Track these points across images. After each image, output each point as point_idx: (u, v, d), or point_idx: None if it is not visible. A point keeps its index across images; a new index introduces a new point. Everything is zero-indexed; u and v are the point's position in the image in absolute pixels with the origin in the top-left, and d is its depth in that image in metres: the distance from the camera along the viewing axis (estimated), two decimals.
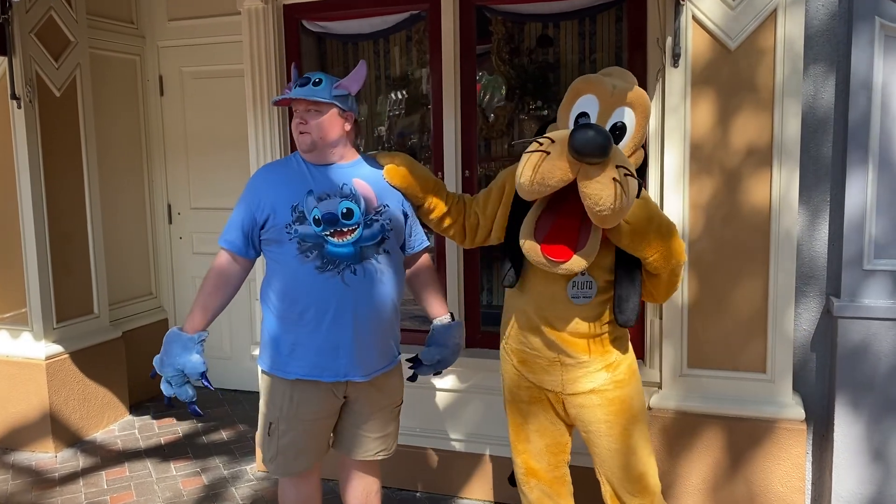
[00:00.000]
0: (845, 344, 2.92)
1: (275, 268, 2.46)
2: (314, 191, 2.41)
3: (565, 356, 2.39)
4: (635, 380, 2.45)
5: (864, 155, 2.85)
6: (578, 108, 2.26)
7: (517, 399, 2.55)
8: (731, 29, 2.85)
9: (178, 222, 5.10)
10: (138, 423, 4.55)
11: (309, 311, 2.40)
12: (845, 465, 2.97)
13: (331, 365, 2.43)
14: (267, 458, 2.56)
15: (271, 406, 2.51)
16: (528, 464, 2.59)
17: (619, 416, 2.40)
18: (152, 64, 4.96)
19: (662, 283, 2.37)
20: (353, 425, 2.58)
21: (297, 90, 2.44)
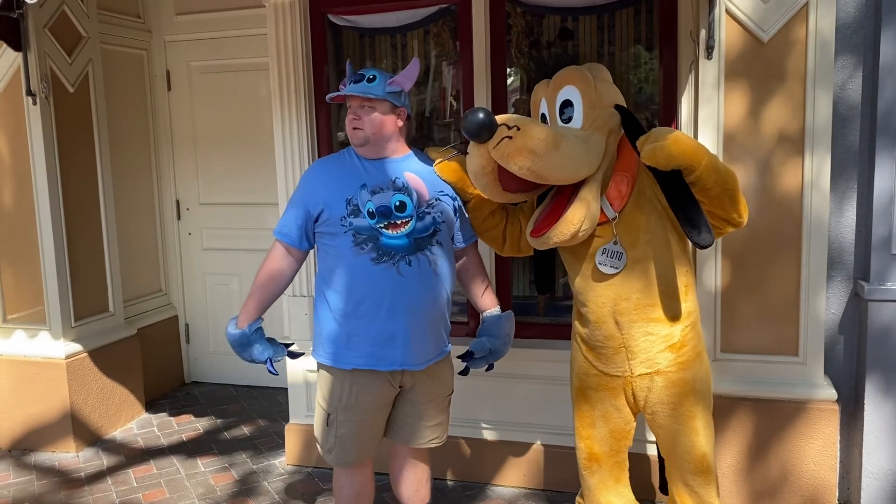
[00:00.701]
0: (875, 326, 3.02)
1: (330, 261, 2.50)
2: (367, 184, 2.45)
3: (630, 339, 2.44)
4: (699, 361, 2.49)
5: (892, 142, 2.95)
6: (539, 112, 2.54)
7: (585, 386, 2.61)
8: (764, 21, 2.93)
9: (187, 218, 5.07)
10: (156, 421, 4.53)
11: (365, 301, 2.44)
12: (875, 442, 3.08)
13: (387, 354, 2.48)
14: (325, 449, 2.62)
15: (330, 398, 2.56)
16: (591, 449, 2.65)
17: (683, 398, 2.46)
18: (159, 59, 4.92)
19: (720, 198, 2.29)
20: (407, 414, 2.63)
21: (352, 87, 2.48)
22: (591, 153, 2.35)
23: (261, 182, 4.78)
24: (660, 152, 2.15)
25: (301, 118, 3.62)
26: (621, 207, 2.39)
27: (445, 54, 4.19)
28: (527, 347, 3.53)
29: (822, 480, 3.07)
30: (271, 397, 4.82)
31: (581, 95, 2.41)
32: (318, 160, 2.72)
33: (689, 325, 2.46)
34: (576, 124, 2.41)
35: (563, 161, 2.25)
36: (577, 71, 2.46)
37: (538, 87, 2.57)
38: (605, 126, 2.41)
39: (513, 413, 3.55)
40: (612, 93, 2.48)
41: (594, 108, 2.41)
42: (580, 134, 2.38)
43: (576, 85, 2.42)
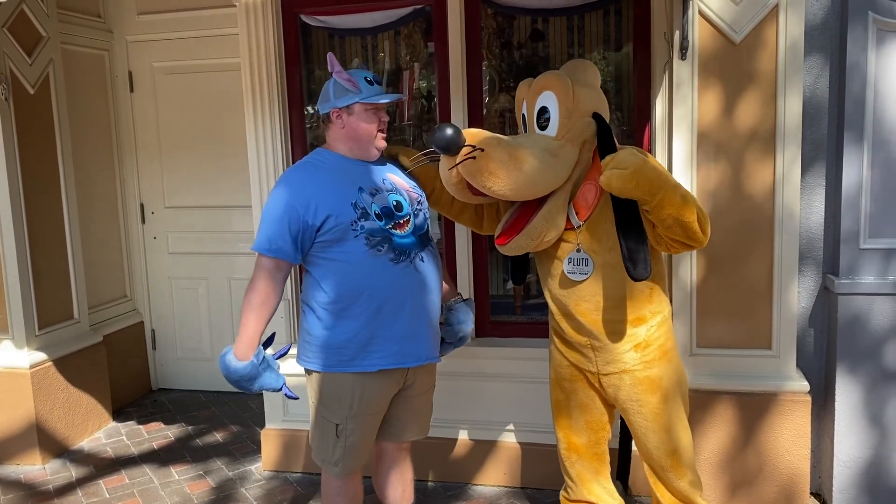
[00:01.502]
0: (844, 318, 3.12)
1: (335, 268, 2.41)
2: (364, 187, 2.44)
3: (594, 339, 2.49)
4: (666, 360, 2.53)
5: (859, 139, 3.05)
6: (521, 112, 2.57)
7: (560, 377, 2.67)
8: (736, 23, 2.99)
9: (152, 222, 4.97)
10: (124, 430, 4.43)
11: (388, 302, 2.41)
12: (846, 431, 3.17)
13: (413, 350, 2.49)
14: (331, 462, 2.54)
15: (337, 407, 2.48)
16: (569, 439, 2.69)
17: (649, 395, 2.51)
18: (121, 59, 4.81)
19: (673, 228, 2.30)
20: (401, 410, 2.62)
21: (389, 94, 2.51)
22: (560, 167, 2.37)
23: (228, 184, 4.72)
24: (615, 181, 2.18)
25: (274, 120, 3.58)
26: (587, 216, 2.43)
27: (416, 55, 4.20)
28: (504, 346, 3.55)
29: (796, 469, 3.15)
30: (242, 402, 4.75)
31: (558, 103, 2.42)
32: (294, 167, 2.57)
33: (654, 325, 2.50)
34: (551, 131, 2.44)
35: (527, 182, 2.30)
36: (556, 77, 2.45)
37: (521, 86, 2.58)
38: (580, 136, 2.43)
39: (492, 412, 3.56)
40: (592, 99, 2.48)
41: (570, 116, 2.42)
42: (552, 146, 2.39)
43: (554, 91, 2.43)
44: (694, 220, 2.27)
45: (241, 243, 4.76)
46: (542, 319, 3.69)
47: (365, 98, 2.43)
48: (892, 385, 3.10)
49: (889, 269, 3.07)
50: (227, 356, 2.42)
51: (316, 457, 2.60)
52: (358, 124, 2.45)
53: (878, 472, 3.16)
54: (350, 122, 2.46)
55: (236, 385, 2.45)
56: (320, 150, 2.56)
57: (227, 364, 2.41)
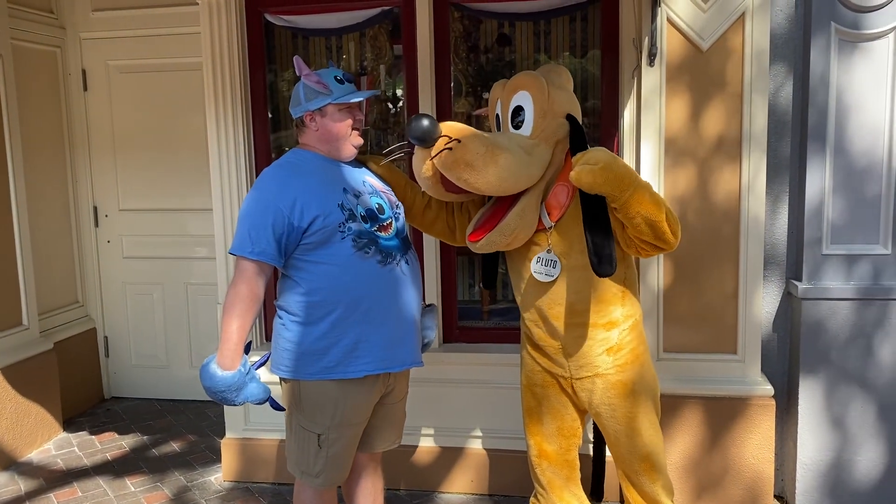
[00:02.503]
0: (808, 323, 3.17)
1: (321, 271, 2.32)
2: (347, 189, 2.38)
3: (567, 343, 2.48)
4: (638, 364, 2.53)
5: (822, 148, 3.10)
6: (495, 112, 2.56)
7: (532, 383, 2.65)
8: (704, 30, 3.02)
9: (106, 225, 4.81)
10: (76, 440, 4.27)
11: (376, 305, 2.35)
12: (809, 435, 3.22)
13: (399, 355, 2.43)
14: (312, 474, 2.44)
15: (319, 416, 2.39)
16: (540, 446, 2.68)
17: (622, 399, 2.50)
18: (74, 57, 4.65)
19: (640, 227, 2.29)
20: (378, 418, 2.56)
21: (363, 92, 2.46)
22: (533, 165, 2.37)
23: (185, 187, 4.61)
24: (585, 176, 2.18)
25: (237, 121, 3.49)
26: (559, 217, 2.42)
27: (381, 57, 4.15)
28: (472, 352, 3.53)
29: (761, 473, 3.19)
30: (199, 411, 4.62)
31: (533, 103, 2.42)
32: (275, 166, 2.44)
33: (626, 328, 2.50)
34: (525, 131, 2.44)
35: (502, 176, 2.28)
36: (532, 77, 2.46)
37: (496, 86, 2.57)
38: (554, 136, 2.43)
39: (459, 419, 3.52)
40: (566, 101, 2.49)
41: (545, 116, 2.42)
42: (526, 144, 2.39)
43: (529, 91, 2.43)
44: (663, 219, 2.28)
45: (199, 247, 4.65)
46: (509, 325, 3.68)
47: (336, 98, 2.37)
48: (853, 388, 3.16)
49: (851, 274, 3.13)
50: (209, 366, 2.27)
51: (294, 469, 2.50)
52: (332, 125, 2.39)
53: (839, 475, 3.22)
54: (324, 124, 2.40)
55: (220, 397, 2.29)
56: (297, 150, 2.48)
57: (211, 374, 2.26)
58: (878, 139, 3.06)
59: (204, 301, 4.65)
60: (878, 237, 3.11)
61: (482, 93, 4.24)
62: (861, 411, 3.17)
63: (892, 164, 3.06)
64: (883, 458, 3.19)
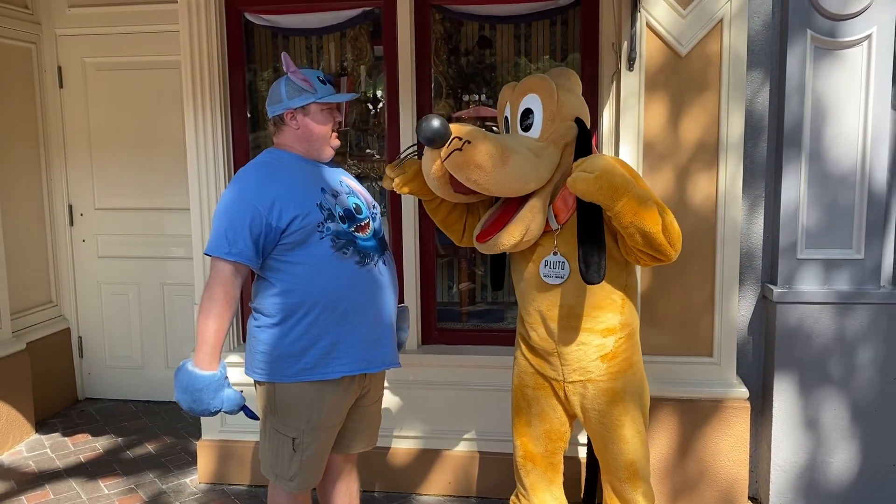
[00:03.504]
0: (783, 327, 3.20)
1: (299, 271, 2.29)
2: (325, 188, 2.37)
3: (562, 345, 2.49)
4: (631, 373, 2.54)
5: (797, 154, 3.14)
6: (503, 115, 2.56)
7: (523, 384, 2.66)
8: (682, 36, 3.05)
9: (81, 224, 4.75)
10: (48, 442, 4.21)
11: (354, 306, 2.34)
12: (783, 437, 3.25)
13: (377, 356, 2.42)
14: (287, 477, 2.42)
15: (294, 420, 2.36)
16: (526, 447, 2.68)
17: (611, 406, 2.51)
18: (50, 53, 4.59)
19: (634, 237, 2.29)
20: (355, 420, 2.55)
21: (343, 94, 2.44)
22: (542, 167, 2.36)
23: (162, 186, 4.57)
24: (580, 184, 2.18)
25: (216, 120, 3.46)
26: (566, 220, 2.43)
27: (362, 58, 4.15)
28: (450, 353, 3.52)
29: (736, 475, 3.21)
30: (174, 412, 4.58)
31: (542, 106, 2.41)
32: (252, 166, 2.41)
33: (623, 336, 2.51)
34: (534, 133, 2.42)
35: (511, 177, 2.28)
36: (541, 80, 2.44)
37: (505, 88, 2.56)
38: (563, 139, 2.42)
39: (437, 420, 3.52)
40: (574, 104, 2.47)
41: (554, 119, 2.41)
42: (535, 146, 2.38)
43: (538, 94, 2.42)
44: (658, 231, 2.27)
45: (175, 247, 4.61)
46: (488, 327, 3.69)
47: (320, 98, 2.36)
48: (827, 391, 3.20)
49: (825, 278, 3.17)
50: (186, 366, 2.24)
51: (268, 472, 2.47)
52: (313, 125, 2.38)
53: (813, 477, 3.25)
54: (305, 123, 2.38)
55: (195, 398, 2.23)
56: (273, 149, 2.45)
57: (189, 373, 2.22)
58: (853, 145, 3.10)
59: (180, 301, 4.61)
60: (851, 242, 3.15)
61: (462, 95, 4.26)
62: (835, 414, 3.21)
63: (865, 170, 3.10)
64: (856, 460, 3.23)
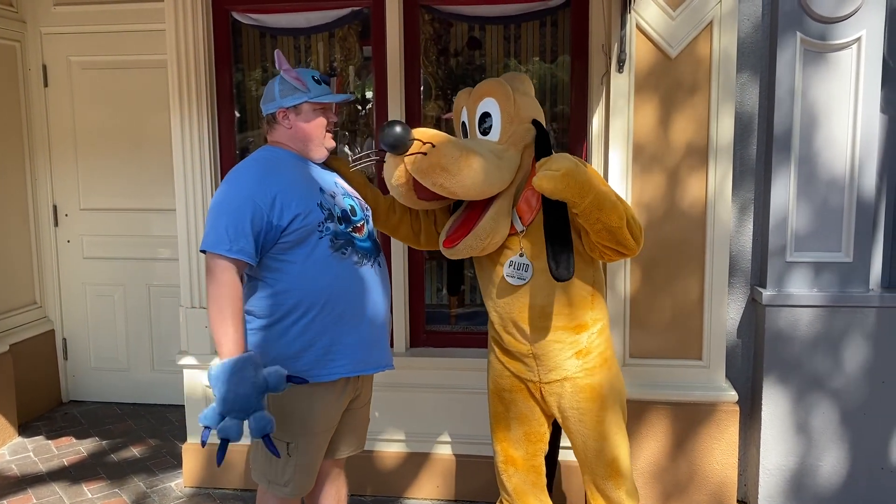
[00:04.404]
0: (772, 329, 3.19)
1: (296, 271, 2.24)
2: (323, 188, 2.34)
3: (535, 345, 2.48)
4: (607, 368, 2.54)
5: (787, 157, 3.13)
6: (461, 120, 2.56)
7: (499, 388, 2.64)
8: (672, 38, 3.04)
9: (66, 224, 4.70)
10: (31, 445, 4.15)
11: (351, 307, 2.31)
12: (772, 440, 3.25)
13: (373, 357, 2.39)
14: (281, 482, 2.37)
15: (289, 424, 2.31)
16: (507, 452, 2.67)
17: (591, 402, 2.50)
18: (35, 52, 4.53)
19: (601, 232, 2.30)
20: (345, 423, 2.51)
21: (338, 94, 2.42)
22: (505, 169, 2.38)
23: (148, 187, 4.53)
24: (546, 182, 2.18)
25: (202, 120, 3.43)
26: (530, 221, 2.43)
27: (350, 58, 4.12)
28: (439, 356, 3.50)
29: (726, 478, 3.21)
30: (160, 415, 4.54)
31: (500, 109, 2.43)
32: (250, 161, 2.34)
33: (595, 332, 2.51)
34: (493, 137, 2.44)
35: (476, 179, 2.28)
36: (497, 84, 2.47)
37: (461, 94, 2.58)
38: (522, 141, 2.45)
39: (425, 424, 3.49)
40: (531, 107, 2.51)
41: (512, 122, 2.44)
42: (496, 149, 2.39)
43: (495, 98, 2.44)
44: (622, 226, 2.28)
45: (161, 248, 4.57)
46: (477, 329, 3.67)
47: (314, 97, 2.33)
48: (816, 394, 3.19)
49: (814, 281, 3.17)
50: (214, 363, 2.11)
51: (260, 477, 2.42)
52: (306, 124, 2.35)
53: (802, 480, 3.25)
54: (297, 123, 2.35)
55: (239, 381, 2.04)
56: (270, 147, 2.41)
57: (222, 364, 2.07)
58: (842, 148, 3.10)
59: (166, 303, 4.56)
60: (840, 245, 3.15)
61: (452, 96, 4.23)
62: (823, 417, 3.21)
63: (854, 173, 3.10)
64: (844, 463, 3.22)
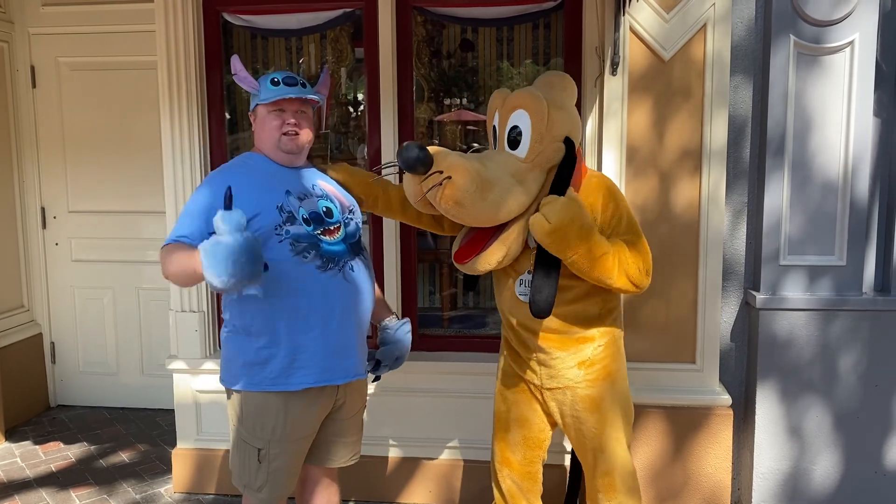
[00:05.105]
0: (765, 333, 3.19)
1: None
2: (292, 191, 2.31)
3: (541, 353, 2.47)
4: (610, 382, 2.51)
5: (780, 160, 3.13)
6: (492, 123, 2.48)
7: (505, 387, 2.66)
8: (666, 40, 3.03)
9: (54, 227, 4.65)
10: (18, 451, 4.10)
11: (314, 313, 2.27)
12: (765, 444, 3.24)
13: (341, 366, 2.35)
14: (254, 488, 2.36)
15: (260, 430, 2.31)
16: (503, 453, 2.66)
17: (589, 413, 2.49)
18: (23, 52, 4.49)
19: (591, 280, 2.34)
20: (330, 433, 2.49)
21: (299, 89, 2.35)
22: (523, 195, 2.31)
23: (137, 189, 4.49)
24: (536, 228, 2.21)
25: (192, 122, 3.40)
26: None
27: (342, 60, 4.10)
28: (432, 360, 3.47)
29: (719, 482, 3.19)
30: (149, 420, 4.49)
31: (531, 125, 2.33)
32: (221, 168, 2.43)
33: (602, 345, 2.49)
34: (521, 152, 2.35)
35: (488, 212, 2.27)
36: (533, 98, 2.34)
37: (496, 95, 2.48)
38: (549, 162, 2.36)
39: (418, 428, 3.47)
40: (565, 123, 2.38)
41: (542, 140, 2.33)
42: (518, 170, 2.32)
43: (528, 112, 2.33)
44: (612, 281, 2.30)
45: (151, 251, 4.52)
46: (470, 332, 3.65)
47: (262, 99, 2.33)
48: (810, 398, 3.19)
49: (808, 285, 3.16)
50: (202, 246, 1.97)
51: (237, 482, 2.42)
52: (262, 126, 2.36)
53: (795, 484, 3.24)
54: (257, 125, 2.39)
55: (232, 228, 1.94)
56: (250, 153, 2.46)
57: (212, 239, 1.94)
58: (836, 152, 3.10)
59: (156, 306, 4.52)
60: (833, 249, 3.15)
61: (444, 98, 4.22)
62: (817, 421, 3.20)
63: (848, 177, 3.10)
64: (838, 468, 3.22)
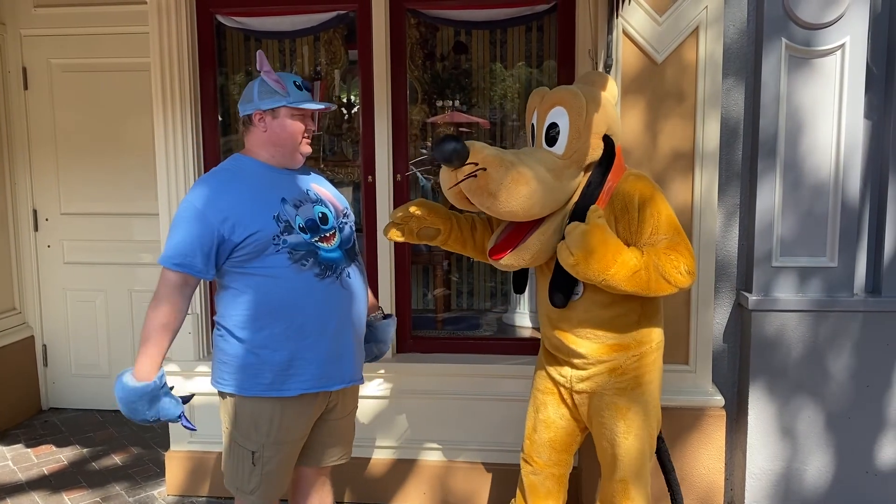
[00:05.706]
0: (758, 334, 3.20)
1: (255, 283, 2.23)
2: (287, 198, 2.29)
3: (574, 356, 2.49)
4: (640, 392, 2.50)
5: (772, 162, 3.14)
6: (531, 121, 2.50)
7: (536, 386, 2.70)
8: (659, 43, 3.04)
9: (46, 229, 4.63)
10: (10, 454, 4.08)
11: (312, 321, 2.26)
12: (758, 445, 3.25)
13: (337, 372, 2.35)
14: (247, 490, 2.36)
15: (254, 433, 2.31)
16: (529, 451, 2.70)
17: (615, 420, 2.49)
18: (14, 54, 4.48)
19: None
20: (323, 434, 2.48)
21: (312, 101, 2.37)
22: (559, 191, 2.33)
23: (130, 191, 4.48)
24: (564, 258, 2.25)
25: (186, 124, 3.39)
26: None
27: (336, 62, 4.10)
28: (426, 362, 3.48)
29: (713, 483, 3.21)
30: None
31: (569, 122, 2.34)
32: (210, 174, 2.34)
33: (637, 354, 2.47)
34: (559, 149, 2.36)
35: (524, 206, 2.27)
36: (572, 95, 2.36)
37: (534, 94, 2.49)
38: (587, 159, 2.37)
39: (412, 430, 3.47)
40: (605, 120, 2.39)
41: (580, 137, 2.34)
42: (555, 166, 2.33)
43: (567, 109, 2.35)
44: (649, 293, 2.31)
45: (144, 253, 4.52)
46: (464, 334, 3.66)
47: (293, 102, 2.29)
48: (802, 399, 3.20)
49: (800, 286, 3.18)
50: (124, 376, 2.19)
51: (229, 484, 2.42)
52: (282, 129, 2.31)
53: (788, 484, 3.26)
54: (273, 126, 2.31)
55: (131, 409, 2.18)
56: (238, 155, 2.38)
57: (124, 384, 2.17)
58: (827, 154, 3.11)
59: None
60: (825, 250, 3.16)
61: (437, 100, 4.22)
62: (809, 421, 3.22)
63: (839, 179, 3.12)
64: (830, 468, 3.24)
